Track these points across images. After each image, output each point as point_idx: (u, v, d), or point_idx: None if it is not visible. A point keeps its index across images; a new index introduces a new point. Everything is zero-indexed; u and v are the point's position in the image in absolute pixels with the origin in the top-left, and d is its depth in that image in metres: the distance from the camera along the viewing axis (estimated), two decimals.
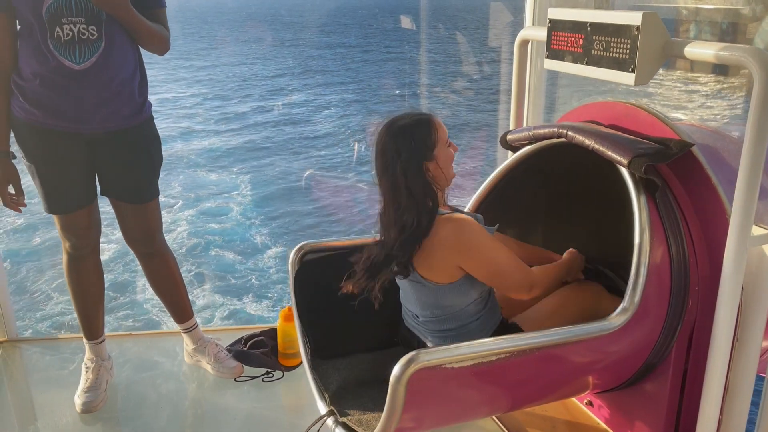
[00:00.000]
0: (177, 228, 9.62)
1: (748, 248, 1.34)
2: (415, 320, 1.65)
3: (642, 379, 1.64)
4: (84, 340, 2.21)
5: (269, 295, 7.81)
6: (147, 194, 2.10)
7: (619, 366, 1.59)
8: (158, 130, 2.12)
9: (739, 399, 1.49)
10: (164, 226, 2.22)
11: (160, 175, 2.15)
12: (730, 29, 1.80)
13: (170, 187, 11.37)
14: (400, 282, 1.63)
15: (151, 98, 2.09)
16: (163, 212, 2.21)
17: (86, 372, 2.17)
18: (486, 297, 1.58)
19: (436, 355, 1.29)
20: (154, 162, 2.10)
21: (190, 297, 2.35)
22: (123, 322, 6.59)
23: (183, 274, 2.31)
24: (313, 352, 1.77)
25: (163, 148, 2.14)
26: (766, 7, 1.63)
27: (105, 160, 2.02)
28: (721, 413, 1.48)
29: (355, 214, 9.88)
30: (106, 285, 2.26)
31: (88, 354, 2.21)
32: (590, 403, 1.91)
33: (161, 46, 1.98)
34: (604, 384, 1.68)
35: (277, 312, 7.50)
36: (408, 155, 1.46)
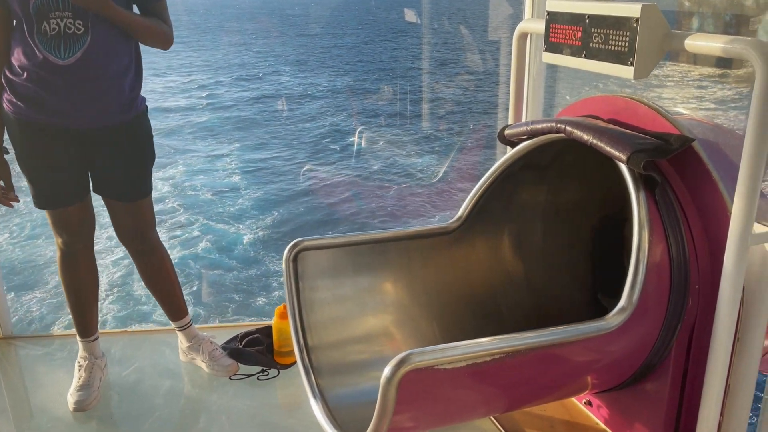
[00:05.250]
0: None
1: (750, 246, 1.30)
2: None
3: (641, 378, 1.61)
4: (77, 337, 2.19)
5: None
6: (139, 192, 2.07)
7: (618, 366, 1.56)
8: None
9: (740, 399, 1.46)
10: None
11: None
12: (733, 21, 1.76)
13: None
14: None
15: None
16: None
17: (79, 370, 2.15)
18: None
19: (428, 356, 1.26)
20: (146, 159, 2.07)
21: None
22: None
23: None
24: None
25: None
26: None
27: (95, 157, 1.99)
28: (721, 413, 1.45)
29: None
30: None
31: (81, 352, 2.19)
32: (589, 403, 1.88)
33: (159, 41, 1.94)
34: (602, 384, 1.65)
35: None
36: None
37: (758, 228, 1.34)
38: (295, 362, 2.24)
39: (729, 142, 1.59)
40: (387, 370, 1.23)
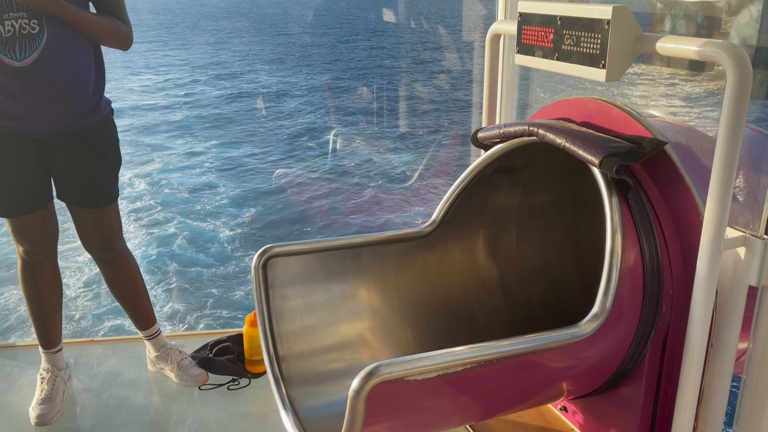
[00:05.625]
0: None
1: (723, 251, 1.29)
2: None
3: (616, 384, 1.59)
4: (39, 348, 2.12)
5: None
6: (104, 198, 2.00)
7: (592, 372, 1.54)
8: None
9: (714, 404, 1.45)
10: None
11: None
12: (705, 23, 1.75)
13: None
14: None
15: None
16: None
17: (41, 383, 2.08)
18: None
19: (397, 367, 1.22)
20: (111, 165, 2.01)
21: None
22: None
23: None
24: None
25: None
26: (742, 0, 1.58)
27: (58, 163, 1.92)
28: (696, 419, 1.44)
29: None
30: None
31: (43, 363, 2.12)
32: (564, 409, 1.86)
33: (117, 40, 1.88)
34: (577, 390, 1.63)
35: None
36: None
37: (730, 232, 1.33)
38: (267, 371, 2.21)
39: (701, 145, 1.58)
40: (355, 383, 1.20)
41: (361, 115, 16.92)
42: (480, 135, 1.85)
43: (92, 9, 1.88)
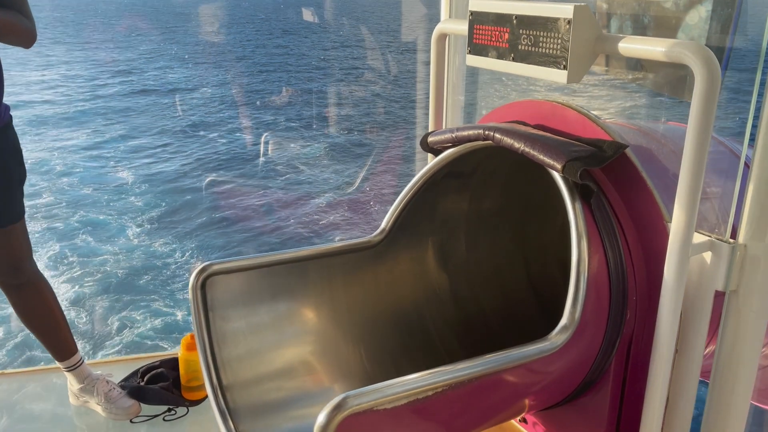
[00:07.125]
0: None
1: (690, 257, 1.26)
2: None
3: (580, 394, 1.55)
4: None
5: None
6: (7, 216, 1.78)
7: (559, 385, 1.49)
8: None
9: (681, 409, 1.43)
10: None
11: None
12: (651, 23, 1.75)
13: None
14: None
15: None
16: None
17: None
18: None
19: (366, 397, 1.12)
20: (13, 178, 1.79)
21: None
22: None
23: None
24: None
25: None
26: (690, 1, 1.59)
27: None
28: (662, 425, 1.41)
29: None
30: None
31: None
32: (524, 420, 1.81)
33: (22, 38, 1.68)
34: (541, 404, 1.58)
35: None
36: None
37: (696, 237, 1.31)
38: (206, 397, 2.04)
39: (659, 148, 1.56)
40: (321, 418, 1.08)
41: (266, 110, 17.20)
42: (431, 139, 1.77)
43: None
